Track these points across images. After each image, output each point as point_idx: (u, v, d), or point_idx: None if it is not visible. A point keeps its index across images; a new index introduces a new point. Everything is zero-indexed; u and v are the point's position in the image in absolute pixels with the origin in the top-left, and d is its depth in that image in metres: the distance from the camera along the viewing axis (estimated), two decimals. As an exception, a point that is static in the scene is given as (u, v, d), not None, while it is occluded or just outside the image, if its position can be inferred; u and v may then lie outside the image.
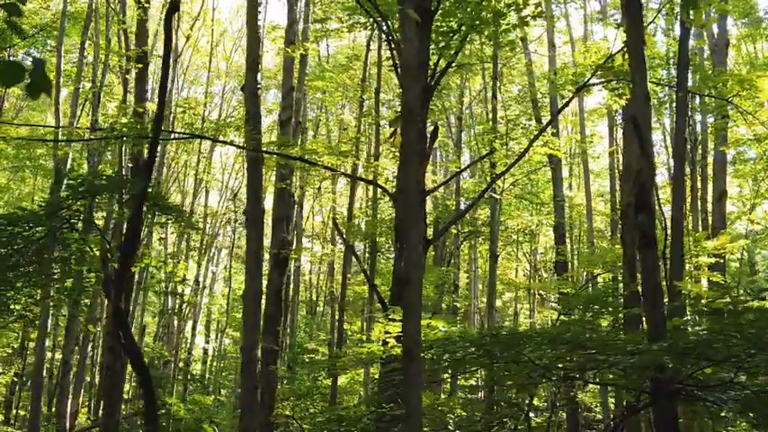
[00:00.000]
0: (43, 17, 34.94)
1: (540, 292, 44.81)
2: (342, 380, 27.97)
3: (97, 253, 16.07)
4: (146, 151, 22.57)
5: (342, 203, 41.35)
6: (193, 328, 42.52)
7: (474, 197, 32.57)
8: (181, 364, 42.07)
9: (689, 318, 19.28)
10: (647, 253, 11.03)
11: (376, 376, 28.25)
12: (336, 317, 41.11)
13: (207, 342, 52.26)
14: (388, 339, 12.37)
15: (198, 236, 40.84)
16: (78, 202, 16.11)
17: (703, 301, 20.95)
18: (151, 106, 24.84)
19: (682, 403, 10.58)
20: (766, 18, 38.71)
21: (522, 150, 19.63)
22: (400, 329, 12.24)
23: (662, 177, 36.26)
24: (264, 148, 19.58)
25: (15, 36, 31.38)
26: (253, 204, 19.24)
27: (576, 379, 10.08)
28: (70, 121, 27.39)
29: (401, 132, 8.46)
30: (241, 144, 20.50)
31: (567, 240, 37.91)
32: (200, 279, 42.67)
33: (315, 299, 49.29)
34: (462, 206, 32.26)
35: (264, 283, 21.95)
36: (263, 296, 22.32)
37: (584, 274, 29.87)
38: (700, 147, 27.45)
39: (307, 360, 35.12)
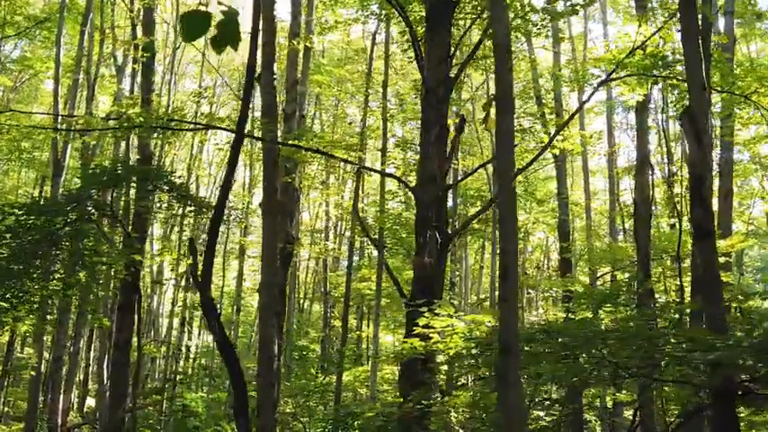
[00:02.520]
0: (34, 7, 34.46)
1: (529, 290, 44.74)
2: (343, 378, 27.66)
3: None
4: (152, 142, 22.30)
5: (331, 201, 41.09)
6: (182, 324, 42.06)
7: (472, 193, 32.44)
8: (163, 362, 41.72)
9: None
10: (703, 246, 10.77)
11: (381, 375, 28.05)
12: (331, 314, 40.87)
13: (190, 339, 51.78)
14: (431, 335, 12.04)
15: (188, 231, 40.38)
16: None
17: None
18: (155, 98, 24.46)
19: (746, 403, 10.30)
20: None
21: (543, 144, 19.43)
22: (445, 324, 11.98)
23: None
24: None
25: (8, 28, 30.97)
26: (269, 197, 18.86)
27: (644, 376, 9.79)
28: (69, 112, 26.90)
29: (496, 117, 8.14)
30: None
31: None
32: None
33: (303, 295, 48.92)
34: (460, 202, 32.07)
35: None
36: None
37: (593, 271, 29.65)
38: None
39: (298, 357, 34.75)
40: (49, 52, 35.56)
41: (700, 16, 18.94)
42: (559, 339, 9.60)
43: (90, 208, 15.57)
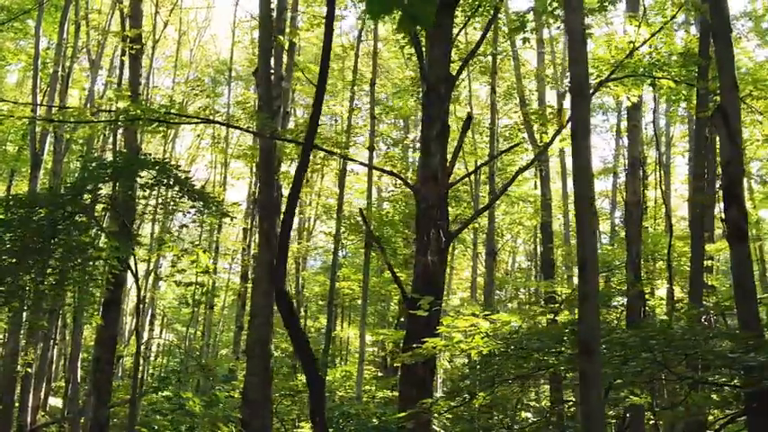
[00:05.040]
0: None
1: (497, 291, 44.70)
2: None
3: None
4: (138, 135, 21.92)
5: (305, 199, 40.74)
6: (151, 322, 41.52)
7: (451, 193, 32.29)
8: (128, 361, 41.12)
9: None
10: (738, 247, 10.66)
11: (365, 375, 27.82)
12: (302, 313, 40.52)
13: (152, 337, 51.13)
14: (454, 334, 11.81)
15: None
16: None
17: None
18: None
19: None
20: (734, 23, 39.01)
21: (545, 144, 19.30)
22: (469, 324, 11.76)
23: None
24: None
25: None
26: (266, 193, 18.60)
27: (687, 378, 9.63)
28: (49, 103, 26.39)
29: (571, 103, 7.93)
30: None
31: (533, 240, 37.80)
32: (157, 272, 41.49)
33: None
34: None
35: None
36: (250, 291, 21.77)
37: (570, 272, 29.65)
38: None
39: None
40: (17, 44, 34.99)
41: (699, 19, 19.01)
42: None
43: (89, 201, 15.19)
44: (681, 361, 9.41)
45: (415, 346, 12.21)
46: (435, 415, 15.86)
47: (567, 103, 32.23)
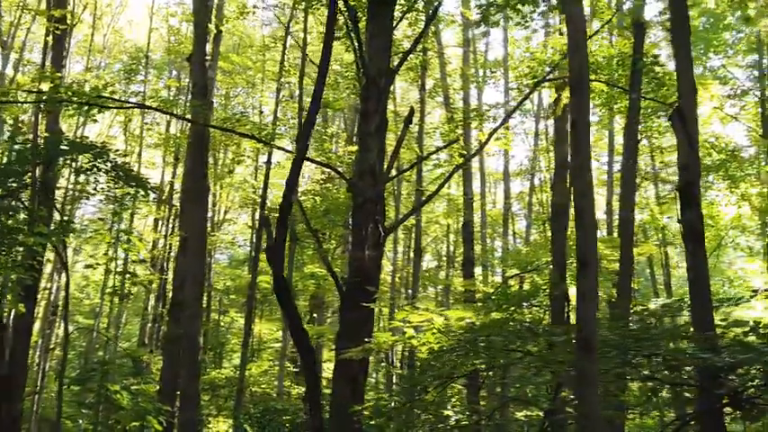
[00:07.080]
0: None
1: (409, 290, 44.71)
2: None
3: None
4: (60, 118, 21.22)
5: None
6: (54, 314, 40.31)
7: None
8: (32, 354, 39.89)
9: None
10: (695, 248, 10.71)
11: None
12: (214, 307, 39.89)
13: (50, 328, 49.74)
14: (405, 329, 11.61)
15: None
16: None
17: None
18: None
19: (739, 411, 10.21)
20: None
21: (482, 142, 19.22)
22: (423, 319, 11.59)
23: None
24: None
25: None
26: (195, 181, 18.16)
27: (651, 379, 9.59)
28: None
29: (570, 101, 7.80)
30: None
31: (446, 239, 37.94)
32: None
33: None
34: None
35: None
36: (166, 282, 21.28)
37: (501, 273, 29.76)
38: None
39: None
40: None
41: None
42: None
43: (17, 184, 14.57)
44: (649, 360, 9.40)
45: (367, 340, 12.01)
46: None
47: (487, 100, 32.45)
